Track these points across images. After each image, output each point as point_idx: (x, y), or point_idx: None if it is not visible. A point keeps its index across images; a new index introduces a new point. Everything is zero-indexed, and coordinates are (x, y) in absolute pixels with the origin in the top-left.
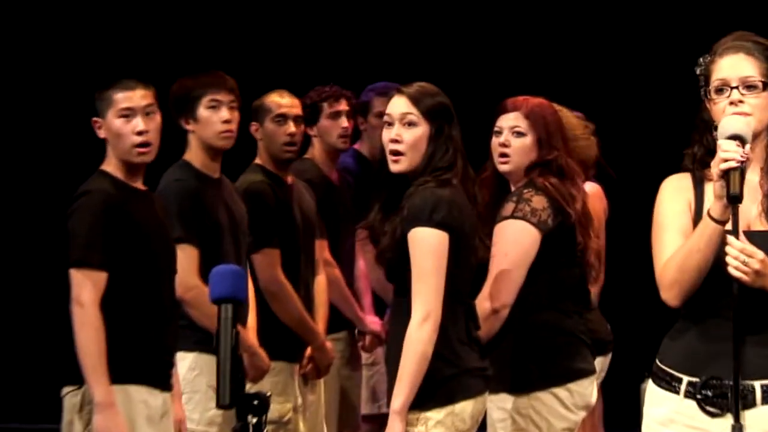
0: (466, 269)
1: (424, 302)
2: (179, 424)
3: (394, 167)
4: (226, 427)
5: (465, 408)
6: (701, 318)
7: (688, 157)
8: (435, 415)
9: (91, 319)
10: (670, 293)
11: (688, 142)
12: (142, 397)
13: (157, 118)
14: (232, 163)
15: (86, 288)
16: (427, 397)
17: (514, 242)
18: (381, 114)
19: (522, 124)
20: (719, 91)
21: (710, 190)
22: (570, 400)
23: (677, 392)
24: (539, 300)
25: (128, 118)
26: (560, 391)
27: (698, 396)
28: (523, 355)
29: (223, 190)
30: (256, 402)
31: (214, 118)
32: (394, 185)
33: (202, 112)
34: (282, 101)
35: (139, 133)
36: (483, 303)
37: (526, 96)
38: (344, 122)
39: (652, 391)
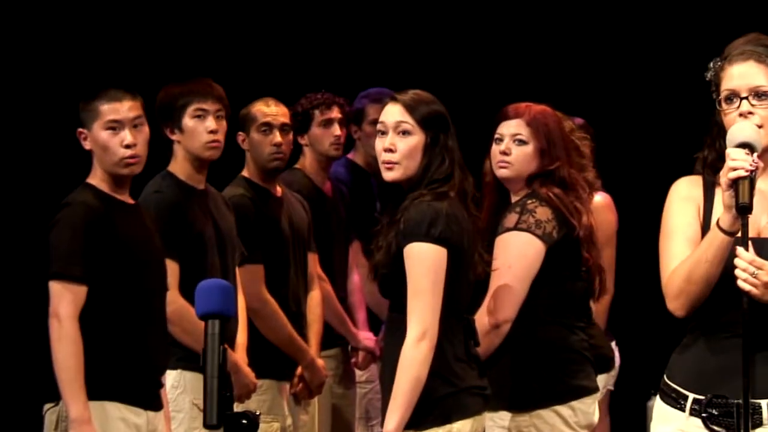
0: (464, 285)
1: (420, 320)
2: None
3: (388, 175)
4: None
5: (462, 428)
6: (709, 333)
7: (699, 161)
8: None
9: (68, 332)
10: (675, 303)
11: (700, 146)
12: (121, 414)
13: (145, 129)
14: (220, 173)
15: (65, 301)
16: (423, 416)
17: (518, 255)
18: (376, 122)
19: (524, 132)
20: (729, 100)
21: (720, 195)
22: (573, 419)
23: (683, 410)
24: (542, 314)
25: (115, 131)
26: (563, 409)
27: (703, 414)
28: (525, 372)
29: (209, 201)
30: (244, 421)
31: (200, 128)
32: (395, 197)
33: (188, 121)
34: (267, 110)
35: (127, 147)
36: (483, 318)
37: (529, 102)
38: (337, 130)
39: (659, 408)
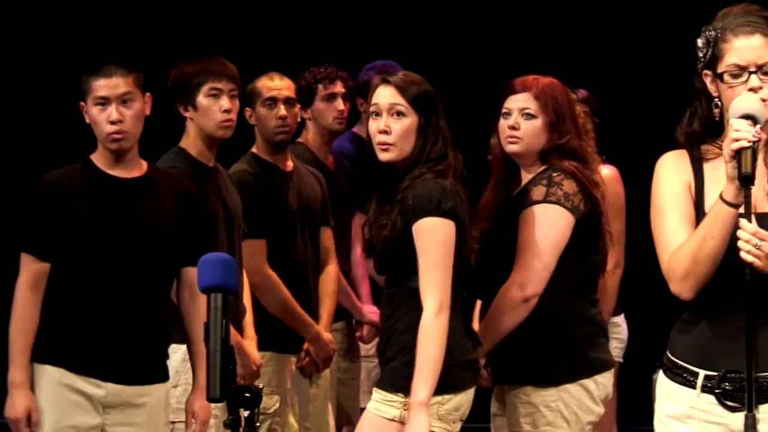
0: (461, 261)
1: (437, 293)
2: (193, 415)
3: (383, 156)
4: (221, 420)
5: (452, 399)
6: (712, 308)
7: (681, 133)
8: None
9: (18, 300)
10: (682, 285)
11: (680, 116)
12: (65, 380)
13: (136, 105)
14: (229, 151)
15: (22, 271)
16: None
17: (549, 227)
18: None
19: (532, 106)
20: (735, 74)
21: (709, 168)
22: (597, 393)
23: (693, 387)
24: (566, 288)
25: (103, 107)
26: (589, 383)
27: (717, 390)
28: (551, 346)
29: (218, 179)
30: (247, 395)
31: (214, 107)
32: (387, 176)
33: (202, 100)
34: (271, 84)
35: (113, 122)
36: (512, 291)
37: (536, 75)
38: (340, 105)
39: (665, 386)
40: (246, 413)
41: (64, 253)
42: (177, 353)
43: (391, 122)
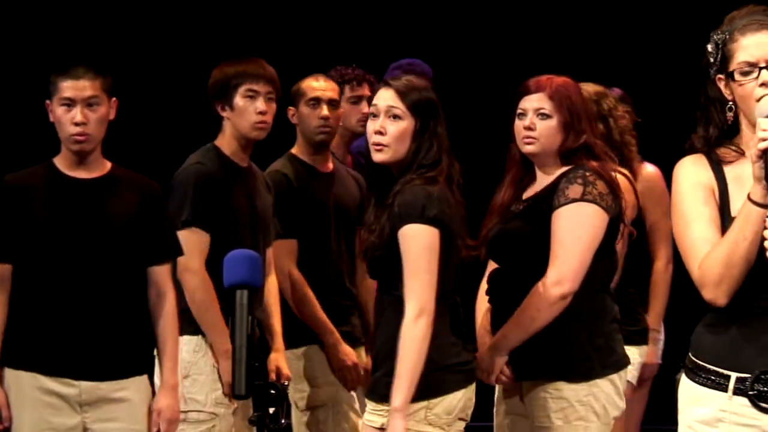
0: (452, 266)
1: (418, 299)
2: (158, 413)
3: (377, 156)
4: (232, 410)
5: (441, 403)
6: (741, 309)
7: (698, 139)
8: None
9: None
10: (717, 291)
11: (694, 124)
12: (38, 384)
13: (101, 110)
14: (265, 152)
15: None
16: None
17: (588, 226)
18: None
19: (547, 106)
20: (745, 72)
21: (730, 171)
22: (622, 387)
23: (725, 390)
24: (595, 285)
25: (69, 108)
26: (616, 378)
27: (750, 392)
28: (583, 342)
29: (249, 179)
30: (273, 392)
31: (250, 108)
32: (384, 178)
33: (239, 100)
34: (316, 84)
35: (76, 124)
36: (550, 288)
37: (549, 75)
38: (365, 108)
39: (691, 390)
40: (272, 410)
41: (23, 256)
42: (189, 344)
43: (387, 124)
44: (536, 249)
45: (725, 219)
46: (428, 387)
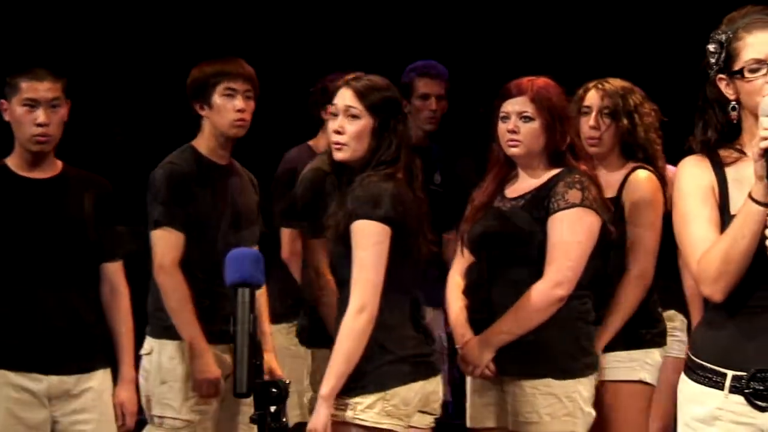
0: (411, 263)
1: (361, 294)
2: (121, 406)
3: (337, 155)
4: (210, 416)
5: (398, 393)
6: (739, 308)
7: (696, 142)
8: (364, 400)
9: None
10: (715, 287)
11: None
12: (6, 380)
13: (62, 111)
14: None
15: None
16: (359, 383)
17: (588, 231)
18: (425, 95)
19: (529, 109)
20: (754, 69)
21: (731, 171)
22: (592, 391)
23: (721, 388)
24: (581, 286)
25: (31, 108)
26: (592, 379)
27: (746, 390)
28: (571, 341)
29: (230, 177)
30: (274, 390)
31: (228, 106)
32: (347, 178)
33: (217, 99)
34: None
35: (39, 125)
36: (550, 290)
37: (530, 77)
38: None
39: (688, 388)
40: (273, 408)
41: None
42: (165, 349)
43: (345, 123)
44: (530, 248)
45: (724, 218)
46: (385, 376)
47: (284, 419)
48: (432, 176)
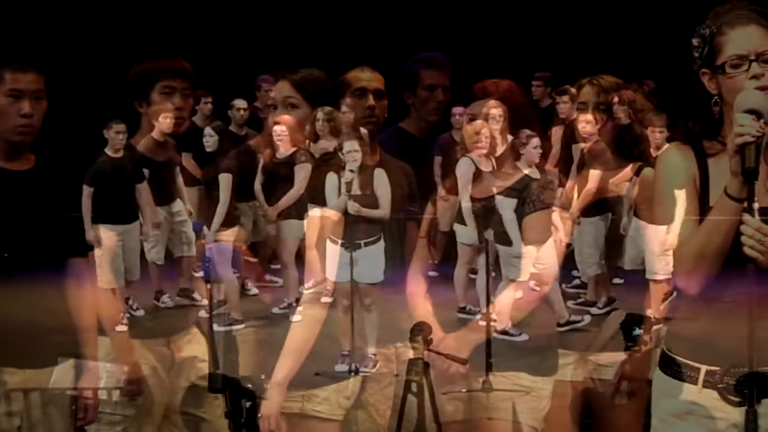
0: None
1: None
2: (84, 399)
3: (279, 146)
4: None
5: (348, 385)
6: (711, 303)
7: (679, 133)
8: (320, 392)
9: None
10: (689, 280)
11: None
12: None
13: (44, 104)
14: None
15: None
16: None
17: (556, 230)
18: (431, 86)
19: (495, 111)
20: (735, 65)
21: (713, 164)
22: None
23: (694, 382)
24: None
25: (16, 99)
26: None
27: (720, 385)
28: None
29: (167, 173)
30: (249, 386)
31: (167, 104)
32: None
33: (155, 97)
34: (362, 75)
35: (24, 116)
36: (536, 288)
37: (495, 80)
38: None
39: (663, 383)
40: (248, 404)
41: None
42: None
43: (285, 114)
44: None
45: (704, 209)
46: None
47: (259, 415)
48: (431, 169)
